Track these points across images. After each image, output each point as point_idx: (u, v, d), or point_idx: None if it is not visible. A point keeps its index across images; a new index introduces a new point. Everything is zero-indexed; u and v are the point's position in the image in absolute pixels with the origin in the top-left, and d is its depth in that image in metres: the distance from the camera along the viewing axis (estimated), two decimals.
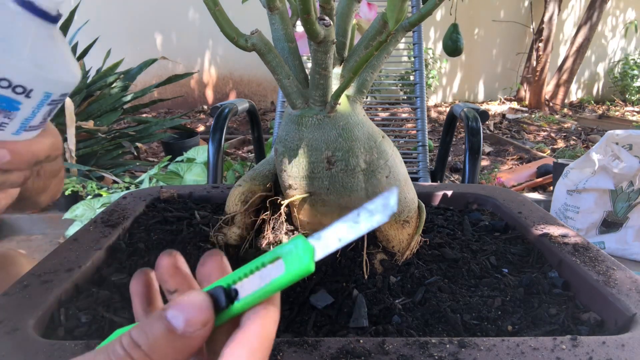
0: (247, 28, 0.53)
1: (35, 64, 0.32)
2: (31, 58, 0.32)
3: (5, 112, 0.34)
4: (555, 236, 0.66)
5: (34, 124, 0.36)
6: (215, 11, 0.48)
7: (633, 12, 5.74)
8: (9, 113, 0.34)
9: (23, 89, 0.33)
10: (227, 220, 0.62)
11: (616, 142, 1.54)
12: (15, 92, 0.33)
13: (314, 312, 0.52)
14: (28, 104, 0.34)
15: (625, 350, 0.42)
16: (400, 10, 0.43)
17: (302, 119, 0.55)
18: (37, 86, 0.34)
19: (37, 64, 0.33)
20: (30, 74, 0.32)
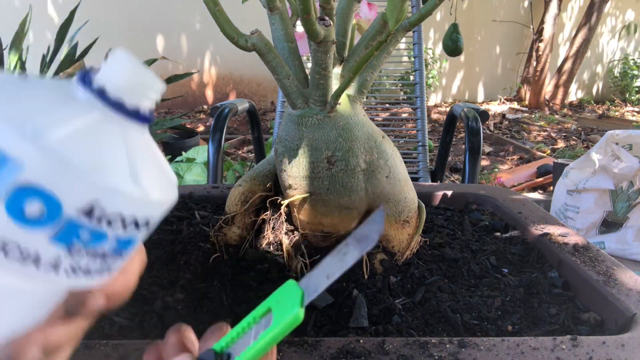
0: (247, 28, 0.53)
1: (139, 186, 0.24)
2: (133, 178, 0.24)
3: (114, 256, 0.25)
4: (555, 236, 0.66)
5: None
6: (215, 11, 0.48)
7: (632, 12, 5.75)
8: (116, 255, 0.25)
9: (134, 222, 0.25)
10: (227, 220, 0.62)
11: (616, 142, 1.54)
12: (127, 228, 0.24)
13: (314, 312, 0.52)
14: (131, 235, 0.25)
15: (625, 350, 0.42)
16: (400, 10, 0.43)
17: (302, 119, 0.55)
18: (141, 212, 0.25)
19: (140, 185, 0.24)
20: (134, 200, 0.24)
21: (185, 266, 0.60)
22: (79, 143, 0.22)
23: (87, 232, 0.23)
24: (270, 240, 0.60)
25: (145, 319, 0.51)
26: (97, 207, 0.22)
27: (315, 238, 0.60)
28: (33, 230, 0.21)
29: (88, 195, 0.22)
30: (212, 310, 0.53)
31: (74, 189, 0.22)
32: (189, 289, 0.56)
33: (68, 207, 0.22)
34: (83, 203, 0.22)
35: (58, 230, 0.22)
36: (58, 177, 0.21)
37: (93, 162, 0.22)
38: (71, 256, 0.23)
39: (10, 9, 3.55)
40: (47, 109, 0.22)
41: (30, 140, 0.21)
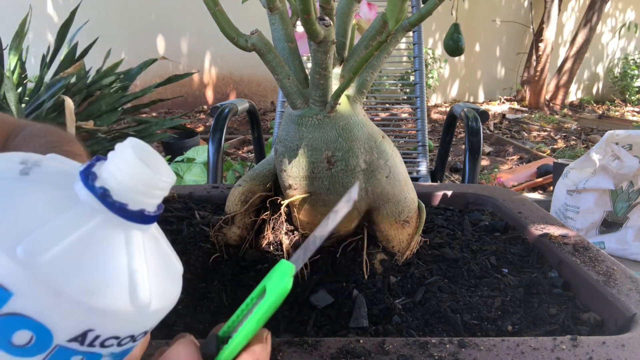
0: (247, 28, 0.53)
1: (138, 304, 0.22)
2: (132, 295, 0.22)
3: None
4: (555, 236, 0.66)
5: None
6: (215, 11, 0.48)
7: (632, 12, 5.75)
8: None
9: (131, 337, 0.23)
10: (227, 220, 0.62)
11: (616, 142, 1.54)
12: (122, 345, 0.23)
13: (314, 312, 0.52)
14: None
15: (625, 350, 0.42)
16: (400, 10, 0.43)
17: (302, 119, 0.55)
18: (138, 328, 0.23)
19: (139, 301, 0.22)
20: (131, 320, 0.22)
21: (185, 266, 0.60)
22: (74, 263, 0.20)
23: (79, 356, 0.21)
24: (270, 240, 0.60)
25: None
26: (91, 334, 0.21)
27: None
28: (20, 358, 0.20)
29: (81, 324, 0.21)
30: (212, 310, 0.53)
31: (67, 319, 0.20)
32: (189, 289, 0.56)
33: (59, 337, 0.20)
34: (76, 332, 0.21)
35: (47, 357, 0.21)
36: (49, 307, 0.20)
37: (88, 285, 0.20)
38: None
39: (10, 9, 3.55)
40: (43, 220, 0.20)
41: (21, 266, 0.19)
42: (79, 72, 2.38)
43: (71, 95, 2.29)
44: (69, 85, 2.33)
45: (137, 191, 0.22)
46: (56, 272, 0.20)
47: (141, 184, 0.22)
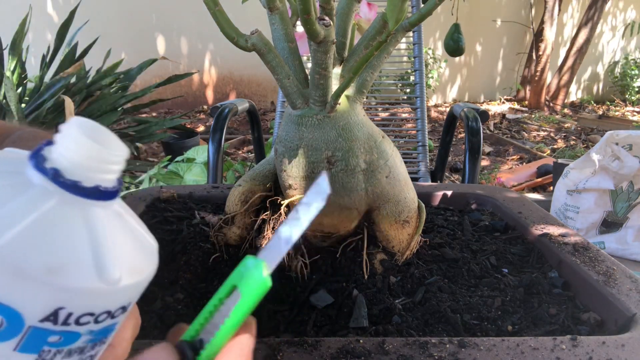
0: (247, 28, 0.53)
1: (106, 279, 0.22)
2: (99, 271, 0.22)
3: (92, 345, 0.23)
4: (555, 236, 0.66)
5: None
6: (215, 11, 0.48)
7: (633, 12, 5.74)
8: (95, 344, 0.23)
9: (107, 313, 0.23)
10: (227, 220, 0.62)
11: (616, 143, 1.54)
12: (100, 322, 0.23)
13: (314, 312, 0.52)
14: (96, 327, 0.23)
15: (625, 350, 0.42)
16: (400, 10, 0.43)
17: (302, 119, 0.55)
18: (113, 303, 0.23)
19: (108, 276, 0.22)
20: (102, 295, 0.22)
21: (185, 266, 0.60)
22: (34, 243, 0.20)
23: (55, 336, 0.21)
24: None
25: (145, 319, 0.51)
26: (62, 312, 0.21)
27: (315, 238, 0.60)
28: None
29: (50, 303, 0.20)
30: None
31: (34, 299, 0.20)
32: (189, 289, 0.56)
33: (30, 318, 0.20)
34: (46, 312, 0.20)
35: (22, 340, 0.20)
36: (15, 289, 0.19)
37: (51, 264, 0.20)
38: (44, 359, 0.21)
39: (10, 9, 3.55)
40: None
41: None
42: (79, 72, 2.38)
43: (71, 95, 2.29)
44: (69, 85, 2.33)
45: (88, 168, 0.22)
46: (15, 254, 0.19)
47: (92, 160, 0.22)
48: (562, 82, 4.98)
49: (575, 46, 4.79)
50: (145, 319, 0.51)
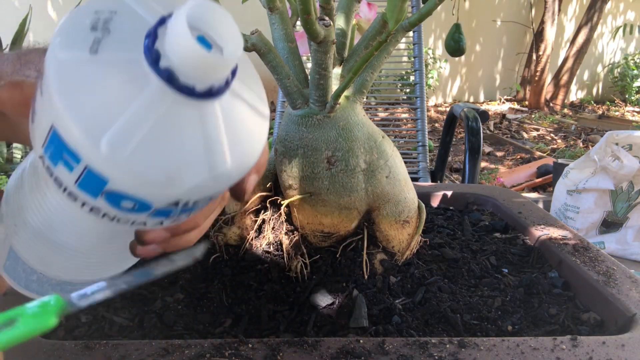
0: (247, 28, 0.53)
1: (217, 174, 0.24)
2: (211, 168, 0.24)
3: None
4: (555, 236, 0.66)
5: None
6: None
7: (632, 12, 5.75)
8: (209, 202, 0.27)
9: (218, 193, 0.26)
10: (227, 220, 0.62)
11: (616, 143, 1.54)
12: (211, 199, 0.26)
13: (314, 312, 0.52)
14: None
15: (625, 350, 0.42)
16: (400, 10, 0.43)
17: (302, 119, 0.55)
18: (223, 187, 0.25)
19: (219, 170, 0.24)
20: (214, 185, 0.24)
21: (185, 266, 0.60)
22: (154, 151, 0.22)
23: (177, 211, 0.26)
24: (271, 240, 0.60)
25: (145, 319, 0.51)
26: (181, 202, 0.25)
27: (315, 238, 0.60)
28: (132, 214, 0.25)
29: (170, 198, 0.24)
30: (212, 310, 0.53)
31: (157, 195, 0.24)
32: (189, 289, 0.56)
33: (155, 204, 0.24)
34: (167, 203, 0.24)
35: (152, 212, 0.25)
36: (139, 188, 0.23)
37: (169, 173, 0.22)
38: (170, 219, 0.26)
39: (10, 9, 3.55)
40: (119, 109, 0.22)
41: (107, 159, 0.22)
42: None
43: None
44: None
45: (202, 73, 0.22)
46: (139, 164, 0.22)
47: (205, 66, 0.21)
48: (562, 82, 4.98)
49: (575, 46, 4.79)
50: (145, 319, 0.51)
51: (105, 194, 0.23)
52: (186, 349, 0.42)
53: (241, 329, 0.51)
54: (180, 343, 0.43)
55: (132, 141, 0.22)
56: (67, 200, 0.25)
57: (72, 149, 0.22)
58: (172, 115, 0.22)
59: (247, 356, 0.41)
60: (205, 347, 0.42)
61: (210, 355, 0.41)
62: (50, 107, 0.22)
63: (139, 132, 0.22)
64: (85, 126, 0.21)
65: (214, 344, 0.42)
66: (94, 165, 0.22)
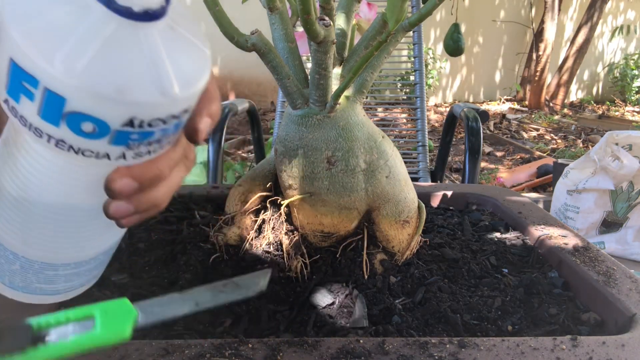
0: (247, 28, 0.53)
1: (166, 93, 0.26)
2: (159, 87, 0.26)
3: (167, 136, 0.28)
4: (555, 236, 0.66)
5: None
6: (215, 11, 0.48)
7: (633, 12, 5.75)
8: (168, 136, 0.28)
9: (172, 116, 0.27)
10: (227, 220, 0.62)
11: (616, 143, 1.54)
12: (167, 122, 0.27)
13: (314, 312, 0.52)
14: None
15: (625, 350, 0.42)
16: (400, 10, 0.43)
17: (302, 119, 0.55)
18: (175, 109, 0.27)
19: (167, 90, 0.26)
20: (165, 104, 0.26)
21: (185, 266, 0.60)
22: (103, 68, 0.24)
23: (135, 134, 0.26)
24: (270, 240, 0.60)
25: None
26: (136, 119, 0.26)
27: (315, 238, 0.60)
28: (94, 140, 0.26)
29: (124, 114, 0.25)
30: (212, 310, 0.53)
31: (112, 112, 0.25)
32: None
33: (113, 124, 0.25)
34: (123, 120, 0.25)
35: (112, 137, 0.26)
36: (94, 105, 0.25)
37: (119, 86, 0.24)
38: (131, 149, 0.27)
39: None
40: (68, 33, 0.24)
41: (62, 76, 0.24)
42: None
43: None
44: None
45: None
46: (90, 78, 0.24)
47: None
48: (562, 82, 4.98)
49: (575, 46, 4.79)
50: None
51: (65, 117, 0.25)
52: (186, 349, 0.42)
53: (241, 329, 0.51)
54: (180, 343, 0.43)
55: (83, 58, 0.24)
56: (35, 147, 0.27)
57: (30, 72, 0.24)
58: (118, 37, 0.25)
59: (247, 356, 0.41)
60: (205, 347, 0.42)
61: (210, 355, 0.41)
62: (7, 41, 0.24)
63: (89, 51, 0.24)
64: (40, 48, 0.24)
65: (214, 344, 0.42)
66: (50, 85, 0.24)
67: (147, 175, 0.29)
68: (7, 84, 0.25)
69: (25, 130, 0.26)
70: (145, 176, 0.29)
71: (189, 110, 0.28)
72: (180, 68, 0.27)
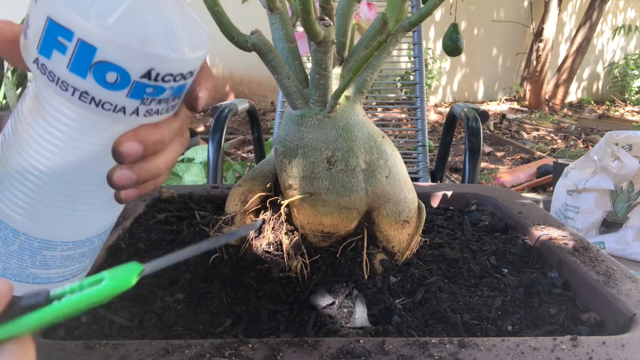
0: (247, 28, 0.53)
1: (178, 51, 0.30)
2: (173, 46, 0.30)
3: (173, 98, 0.33)
4: (555, 236, 0.66)
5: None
6: (215, 11, 0.48)
7: (632, 11, 5.75)
8: (175, 98, 0.33)
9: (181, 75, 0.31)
10: (227, 220, 0.62)
11: (616, 143, 1.54)
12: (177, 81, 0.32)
13: (314, 312, 0.52)
14: None
15: (625, 350, 0.42)
16: (400, 10, 0.43)
17: (302, 119, 0.55)
18: (184, 68, 0.31)
19: (179, 49, 0.31)
20: (176, 61, 0.31)
21: (185, 266, 0.60)
22: (129, 22, 0.29)
23: (150, 88, 0.31)
24: (271, 240, 0.60)
25: (145, 319, 0.51)
26: (153, 71, 0.30)
27: (315, 238, 0.60)
28: (115, 91, 0.30)
29: (144, 65, 0.30)
30: (212, 310, 0.53)
31: (135, 62, 0.29)
32: (189, 289, 0.56)
33: (133, 74, 0.30)
34: (143, 70, 0.30)
35: (131, 89, 0.30)
36: (121, 54, 0.29)
37: (143, 38, 0.29)
38: (144, 104, 0.31)
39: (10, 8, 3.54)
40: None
41: (96, 28, 0.28)
42: None
43: None
44: None
45: None
46: (120, 30, 0.28)
47: None
48: (561, 82, 4.98)
49: (574, 46, 4.79)
50: (145, 319, 0.51)
51: (93, 68, 0.29)
52: (186, 349, 0.42)
53: (241, 329, 0.51)
54: (180, 343, 0.43)
55: (114, 14, 0.28)
56: (54, 110, 0.31)
57: (67, 26, 0.28)
58: (141, 1, 0.30)
59: (247, 356, 0.41)
60: (205, 347, 0.42)
61: (210, 355, 0.41)
62: (46, 2, 0.29)
63: (119, 8, 0.29)
64: (77, 4, 0.28)
65: (214, 344, 0.42)
66: (84, 36, 0.28)
67: (151, 139, 0.33)
68: (39, 43, 0.29)
69: (51, 86, 0.30)
70: (149, 140, 0.33)
71: (193, 74, 0.33)
72: (188, 34, 0.32)
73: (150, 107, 0.32)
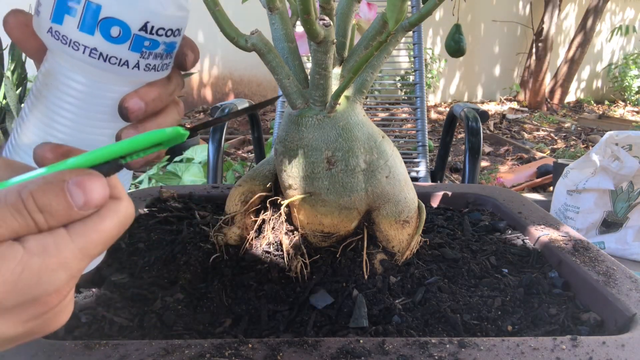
0: (247, 28, 0.53)
1: (168, 8, 0.36)
2: (163, 3, 0.36)
3: (166, 55, 0.38)
4: (555, 236, 0.66)
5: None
6: (215, 11, 0.48)
7: (632, 11, 5.75)
8: (168, 54, 0.38)
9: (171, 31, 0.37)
10: (227, 220, 0.62)
11: (616, 143, 1.54)
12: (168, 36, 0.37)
13: (314, 312, 0.52)
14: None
15: (625, 350, 0.42)
16: (400, 10, 0.43)
17: (302, 119, 0.55)
18: (174, 25, 0.37)
19: (168, 7, 0.36)
20: (167, 17, 0.36)
21: (185, 266, 0.60)
22: None
23: (147, 41, 0.36)
24: (270, 240, 0.60)
25: (145, 319, 0.51)
26: (149, 25, 0.35)
27: (315, 238, 0.60)
28: (118, 45, 0.35)
29: (142, 19, 0.35)
30: (212, 310, 0.53)
31: (134, 16, 0.35)
32: (189, 289, 0.56)
33: (133, 27, 0.35)
34: (141, 24, 0.35)
35: (131, 43, 0.35)
36: (123, 9, 0.34)
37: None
38: (144, 58, 0.36)
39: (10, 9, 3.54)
40: None
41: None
42: None
43: None
44: None
45: None
46: None
47: None
48: (561, 81, 4.98)
49: (574, 46, 4.79)
50: (145, 319, 0.51)
51: (99, 24, 0.34)
52: (186, 349, 0.42)
53: (241, 329, 0.51)
54: (180, 343, 0.43)
55: None
56: (68, 71, 0.36)
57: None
58: None
59: (247, 356, 0.41)
60: (205, 347, 0.42)
61: (210, 355, 0.41)
62: None
63: None
64: None
65: (214, 344, 0.42)
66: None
67: (150, 96, 0.38)
68: (52, 12, 0.34)
69: (64, 49, 0.35)
70: (148, 96, 0.37)
71: (180, 33, 0.38)
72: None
73: (148, 62, 0.37)
